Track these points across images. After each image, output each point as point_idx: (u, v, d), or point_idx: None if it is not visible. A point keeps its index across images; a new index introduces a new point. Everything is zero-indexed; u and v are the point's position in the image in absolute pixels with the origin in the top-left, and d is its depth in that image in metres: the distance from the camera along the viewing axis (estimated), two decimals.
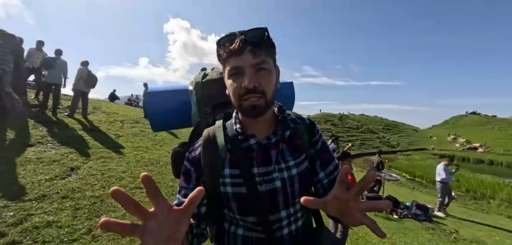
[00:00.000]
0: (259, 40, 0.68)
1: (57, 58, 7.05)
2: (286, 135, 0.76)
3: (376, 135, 59.00)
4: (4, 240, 2.13)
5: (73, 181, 3.55)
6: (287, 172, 0.73)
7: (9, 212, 2.51)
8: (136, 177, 4.30)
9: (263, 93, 0.68)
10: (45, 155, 4.18)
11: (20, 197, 2.81)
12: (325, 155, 0.81)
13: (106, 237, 2.55)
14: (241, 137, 0.75)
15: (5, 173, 3.28)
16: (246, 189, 0.71)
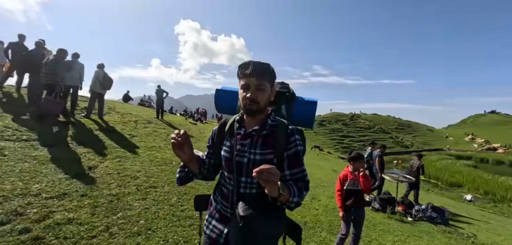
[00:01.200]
0: (262, 70, 1.12)
1: (75, 61, 7.31)
2: (263, 133, 1.17)
3: (389, 135, 57.55)
4: (28, 236, 2.25)
5: (91, 179, 3.69)
6: (253, 155, 1.15)
7: (33, 209, 2.64)
8: (150, 176, 4.41)
9: (258, 103, 1.12)
10: (64, 154, 4.36)
11: (42, 195, 2.95)
12: (293, 160, 1.16)
13: (123, 234, 2.64)
14: (237, 125, 1.23)
15: (29, 171, 3.45)
16: (229, 155, 1.20)
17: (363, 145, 44.91)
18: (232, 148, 1.19)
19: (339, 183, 3.21)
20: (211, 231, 1.24)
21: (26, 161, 3.73)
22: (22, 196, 2.81)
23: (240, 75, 1.15)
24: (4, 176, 3.14)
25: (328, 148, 35.97)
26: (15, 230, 2.28)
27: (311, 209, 5.07)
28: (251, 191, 1.16)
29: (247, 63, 1.12)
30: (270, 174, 0.91)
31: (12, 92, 7.16)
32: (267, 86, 1.14)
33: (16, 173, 3.31)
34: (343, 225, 3.15)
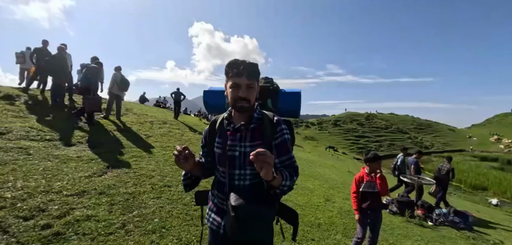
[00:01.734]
0: (253, 70, 1.19)
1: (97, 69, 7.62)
2: (251, 127, 1.24)
3: (407, 135, 55.47)
4: (50, 231, 2.35)
5: (109, 178, 3.81)
6: (243, 148, 1.22)
7: (54, 205, 2.76)
8: (164, 175, 4.49)
9: (249, 101, 1.19)
10: (84, 154, 4.53)
11: (63, 192, 3.07)
12: (281, 149, 1.24)
13: (138, 232, 2.70)
14: (226, 122, 1.30)
15: (52, 169, 3.61)
16: (221, 151, 1.27)
17: (379, 146, 43.65)
18: (224, 144, 1.27)
19: (354, 184, 3.11)
20: (211, 224, 1.32)
21: (49, 160, 3.91)
22: (44, 193, 2.95)
23: (230, 74, 1.20)
24: (28, 174, 3.31)
25: (343, 148, 35.25)
26: (38, 225, 2.39)
27: (325, 211, 4.96)
28: (245, 183, 1.23)
29: (238, 62, 1.18)
30: (265, 156, 0.97)
31: (37, 95, 7.55)
32: (255, 85, 1.22)
33: (40, 171, 3.47)
34: (359, 228, 3.04)
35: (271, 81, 1.71)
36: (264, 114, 1.30)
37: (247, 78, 1.17)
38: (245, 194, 1.15)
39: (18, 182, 3.04)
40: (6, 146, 3.90)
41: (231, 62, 1.20)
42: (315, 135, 43.82)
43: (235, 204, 1.08)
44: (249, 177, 1.23)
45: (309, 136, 41.76)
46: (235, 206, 1.08)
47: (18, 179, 3.11)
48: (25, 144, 4.20)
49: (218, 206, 1.32)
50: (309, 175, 9.11)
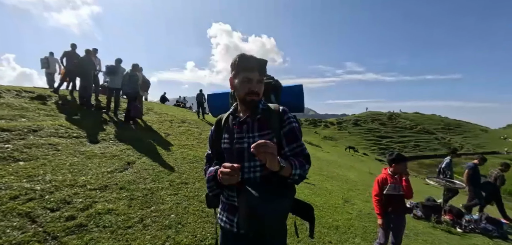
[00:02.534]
0: (263, 66, 1.23)
1: (118, 67, 7.96)
2: (257, 117, 1.24)
3: (434, 135, 52.35)
4: (74, 223, 2.48)
5: (129, 174, 3.95)
6: (251, 139, 1.20)
7: (78, 198, 2.91)
8: (182, 173, 4.59)
9: (258, 95, 1.23)
10: (107, 150, 4.75)
11: (87, 186, 3.23)
12: (290, 137, 1.23)
13: (155, 227, 2.77)
14: (231, 117, 1.31)
15: (77, 164, 3.82)
16: (229, 145, 1.26)
17: (403, 146, 41.66)
18: (231, 138, 1.26)
19: (377, 187, 2.93)
20: (224, 223, 1.29)
21: (76, 155, 4.14)
22: (70, 187, 3.11)
23: (241, 68, 1.21)
24: (57, 168, 3.52)
25: (363, 149, 34.08)
26: (63, 216, 2.53)
27: (344, 213, 4.80)
28: (255, 175, 1.21)
29: (250, 58, 1.21)
30: (266, 146, 0.96)
31: (66, 95, 8.05)
32: (263, 80, 1.26)
33: (67, 166, 3.68)
34: (381, 233, 2.89)
35: (272, 78, 1.75)
36: (269, 106, 1.29)
37: (259, 73, 1.20)
38: (256, 187, 1.12)
39: (47, 176, 3.24)
40: (38, 142, 4.18)
41: (242, 56, 1.21)
42: (334, 135, 42.76)
43: (247, 197, 1.07)
44: (260, 169, 1.21)
45: (328, 136, 40.84)
46: (247, 200, 1.06)
47: (47, 173, 3.32)
48: (55, 140, 4.48)
49: (229, 203, 1.29)
50: (327, 175, 8.89)
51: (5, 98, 6.14)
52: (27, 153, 3.73)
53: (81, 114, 6.74)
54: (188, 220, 3.06)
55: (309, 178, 7.56)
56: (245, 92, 1.20)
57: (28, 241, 2.11)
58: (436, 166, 7.71)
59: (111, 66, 7.92)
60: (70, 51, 8.05)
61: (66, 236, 2.29)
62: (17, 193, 2.70)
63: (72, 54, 8.01)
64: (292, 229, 2.59)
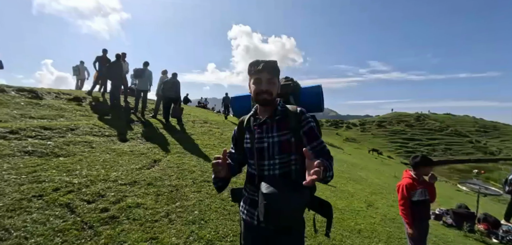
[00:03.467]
0: (272, 66, 1.28)
1: (145, 69, 8.38)
2: (276, 118, 1.30)
3: (467, 138, 48.67)
4: (107, 214, 2.67)
5: (156, 171, 4.17)
6: (271, 139, 1.28)
7: (111, 192, 3.13)
8: (204, 171, 4.73)
9: (270, 94, 1.27)
10: (136, 148, 5.04)
11: (118, 181, 3.46)
12: (310, 136, 1.28)
13: (180, 221, 2.90)
14: (252, 119, 1.38)
15: (110, 161, 4.10)
16: (251, 145, 1.34)
17: (432, 150, 39.27)
18: (252, 139, 1.34)
19: (405, 193, 2.71)
20: (246, 216, 1.37)
21: (108, 153, 4.45)
22: (103, 181, 3.36)
23: (252, 72, 1.30)
24: (91, 164, 3.81)
25: (388, 151, 32.61)
26: (98, 208, 2.74)
27: (367, 217, 4.67)
28: (274, 172, 1.27)
29: (258, 61, 1.29)
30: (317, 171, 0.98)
31: (98, 97, 8.63)
32: (276, 80, 1.31)
33: (100, 162, 3.97)
34: (411, 243, 2.74)
35: (291, 79, 1.79)
36: (288, 107, 1.35)
37: (268, 73, 1.27)
38: (276, 183, 1.19)
39: (84, 171, 3.52)
40: (75, 140, 4.54)
41: (252, 61, 1.31)
42: (357, 137, 41.39)
43: (266, 191, 1.13)
44: (278, 166, 1.27)
45: (350, 138, 39.64)
46: (265, 194, 1.12)
47: (83, 168, 3.60)
48: (89, 138, 4.84)
49: (250, 198, 1.37)
50: (350, 178, 8.66)
51: (46, 99, 6.74)
52: (66, 150, 4.08)
53: (112, 114, 7.20)
54: (210, 217, 3.16)
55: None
56: (256, 92, 1.28)
57: (68, 229, 2.32)
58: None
59: (138, 69, 8.37)
60: (102, 56, 8.62)
61: (101, 226, 2.48)
62: (58, 185, 2.97)
63: (103, 59, 8.57)
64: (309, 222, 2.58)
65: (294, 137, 1.27)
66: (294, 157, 1.29)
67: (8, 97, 5.96)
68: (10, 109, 5.30)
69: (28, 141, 3.98)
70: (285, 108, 1.35)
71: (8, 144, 3.72)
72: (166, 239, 2.53)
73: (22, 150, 3.66)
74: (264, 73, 1.26)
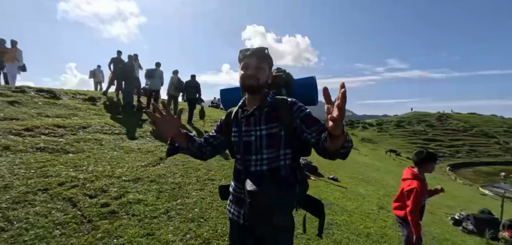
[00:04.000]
0: (261, 53, 1.22)
1: (156, 69, 8.56)
2: (264, 110, 1.22)
3: (495, 139, 45.66)
4: (107, 209, 2.71)
5: (161, 168, 4.20)
6: (259, 132, 1.20)
7: (114, 188, 3.18)
8: (210, 170, 4.73)
9: (257, 80, 1.19)
10: (144, 146, 5.12)
11: (122, 178, 3.52)
12: (309, 120, 1.16)
13: (179, 219, 2.89)
14: (240, 110, 1.30)
15: (116, 158, 4.19)
16: (237, 138, 1.26)
17: (455, 151, 37.27)
18: (239, 131, 1.27)
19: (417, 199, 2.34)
20: (232, 215, 1.30)
21: (116, 150, 4.55)
22: (108, 177, 3.42)
23: (241, 57, 1.24)
24: (99, 161, 3.91)
25: (407, 153, 31.28)
26: (99, 203, 2.79)
27: (378, 220, 4.45)
28: (262, 168, 1.19)
29: (248, 47, 1.25)
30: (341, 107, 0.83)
31: (113, 97, 8.92)
32: (265, 68, 1.23)
33: (107, 159, 4.06)
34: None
35: (283, 71, 1.70)
36: (278, 98, 1.27)
37: (256, 58, 1.20)
38: (262, 180, 1.12)
39: (90, 167, 3.61)
40: (86, 138, 4.69)
41: (242, 49, 1.26)
42: (374, 137, 40.11)
43: (250, 188, 1.05)
44: (266, 161, 1.19)
45: (367, 138, 38.49)
46: (250, 191, 1.05)
47: (90, 164, 3.70)
48: (100, 136, 4.99)
49: (237, 196, 1.30)
50: (362, 179, 8.36)
51: (63, 99, 7.05)
52: (76, 147, 4.21)
53: (124, 113, 7.40)
54: (211, 215, 3.13)
55: (341, 180, 7.19)
56: (243, 77, 1.21)
57: (68, 222, 2.37)
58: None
59: (150, 70, 8.56)
60: (116, 58, 8.91)
61: (99, 220, 2.51)
62: (64, 180, 3.06)
63: (118, 60, 8.86)
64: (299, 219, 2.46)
65: (284, 130, 1.18)
66: (283, 152, 1.20)
67: (28, 97, 6.28)
68: (28, 108, 5.58)
69: (41, 138, 4.15)
70: (275, 99, 1.26)
71: (22, 140, 3.90)
72: (162, 235, 2.52)
73: (35, 146, 3.82)
74: (253, 59, 1.20)
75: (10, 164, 3.17)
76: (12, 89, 6.50)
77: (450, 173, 25.83)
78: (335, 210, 4.40)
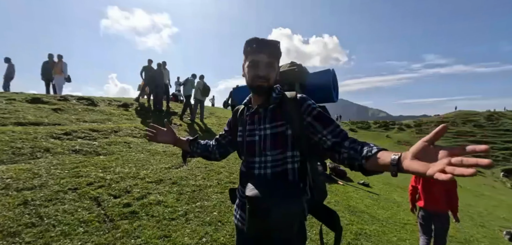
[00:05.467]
0: (272, 47, 1.07)
1: (189, 79, 9.24)
2: (270, 107, 1.10)
3: None
4: (129, 209, 2.78)
5: (183, 171, 4.26)
6: (263, 131, 1.09)
7: (136, 189, 3.27)
8: (231, 173, 4.69)
9: (268, 80, 1.06)
10: (169, 149, 5.27)
11: (146, 179, 3.62)
12: (323, 120, 1.02)
13: (196, 221, 2.86)
14: (245, 109, 1.21)
15: (142, 160, 4.35)
16: (242, 139, 1.18)
17: (510, 155, 32.85)
18: (243, 130, 1.18)
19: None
20: (238, 221, 1.21)
21: (142, 152, 4.74)
22: (132, 178, 3.54)
23: (248, 51, 1.08)
24: (126, 162, 4.09)
25: None
26: (122, 203, 2.87)
27: (415, 232, 4.02)
28: (266, 171, 1.08)
29: (256, 39, 1.07)
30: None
31: (144, 103, 9.44)
32: (275, 64, 1.10)
33: (134, 161, 4.23)
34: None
35: (298, 65, 1.56)
36: (284, 94, 1.13)
37: (268, 55, 1.05)
38: (266, 184, 1.03)
39: (117, 168, 3.78)
40: (116, 141, 4.97)
41: (250, 39, 1.09)
42: (412, 140, 37.05)
43: (249, 194, 0.96)
44: (270, 164, 1.08)
45: (404, 141, 35.75)
46: (249, 197, 0.95)
47: (118, 166, 3.88)
48: (129, 139, 5.25)
49: (242, 201, 1.20)
50: (397, 185, 7.70)
51: (100, 106, 7.62)
52: (107, 149, 4.47)
53: (154, 117, 7.76)
54: (229, 219, 3.05)
55: (373, 186, 6.67)
56: (252, 77, 1.07)
57: (91, 220, 2.47)
58: None
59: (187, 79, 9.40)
60: (147, 66, 9.42)
61: (120, 220, 2.58)
62: (92, 180, 3.22)
63: (149, 69, 9.38)
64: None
65: (292, 129, 1.06)
66: (291, 153, 1.08)
67: (70, 104, 6.90)
68: (69, 115, 6.10)
69: (77, 141, 4.48)
70: (282, 94, 1.14)
71: (61, 143, 4.24)
72: (178, 238, 2.50)
73: (71, 149, 4.12)
74: (263, 55, 1.05)
75: (48, 164, 3.45)
76: (57, 98, 7.21)
77: (504, 179, 22.90)
78: (365, 219, 4.06)
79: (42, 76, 8.85)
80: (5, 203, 2.45)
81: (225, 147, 1.37)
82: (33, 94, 7.23)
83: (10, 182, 2.81)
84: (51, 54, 8.83)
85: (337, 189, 5.48)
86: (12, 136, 4.01)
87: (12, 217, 2.29)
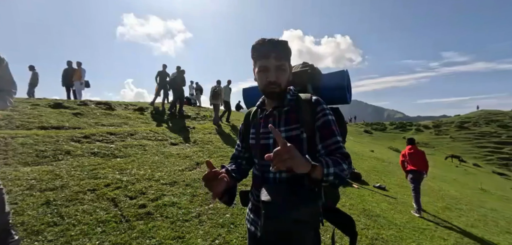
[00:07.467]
0: (281, 50, 1.04)
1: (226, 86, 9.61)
2: (284, 109, 1.09)
3: None
4: (144, 210, 2.85)
5: (196, 173, 4.32)
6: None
7: (151, 190, 3.35)
8: None
9: (280, 85, 1.04)
10: (183, 151, 5.36)
11: (160, 181, 3.70)
12: (325, 132, 1.03)
13: (209, 223, 2.88)
14: (259, 111, 1.19)
15: (157, 162, 4.45)
16: (255, 141, 1.15)
17: None
18: (257, 133, 1.15)
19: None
20: (250, 225, 1.18)
21: (157, 155, 4.85)
22: (147, 180, 3.63)
23: (256, 56, 1.07)
24: (141, 165, 4.19)
25: (474, 159, 27.01)
26: (137, 204, 2.95)
27: (435, 238, 3.86)
28: (280, 175, 1.07)
29: (264, 42, 1.04)
30: (280, 154, 0.80)
31: (159, 107, 9.67)
32: (286, 66, 1.07)
33: (149, 163, 4.34)
34: None
35: (311, 66, 1.51)
36: (298, 96, 1.13)
37: (276, 59, 1.03)
38: (281, 188, 1.01)
39: (133, 170, 3.89)
40: (132, 144, 5.12)
41: (256, 42, 1.06)
42: (431, 141, 35.65)
43: (264, 199, 0.94)
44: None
45: (422, 142, 34.41)
46: (264, 202, 0.93)
47: (134, 168, 3.99)
48: (144, 142, 5.39)
49: (255, 204, 1.18)
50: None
51: (117, 110, 7.89)
52: (123, 152, 4.61)
53: (168, 121, 7.94)
54: (241, 222, 3.05)
55: (389, 189, 6.46)
56: (264, 84, 1.06)
57: (108, 220, 2.55)
58: None
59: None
60: (162, 71, 9.66)
61: (136, 220, 2.65)
62: (110, 182, 3.33)
63: (163, 73, 9.61)
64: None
65: (307, 132, 1.05)
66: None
67: (89, 109, 7.19)
68: (88, 119, 6.36)
69: (96, 144, 4.65)
70: (297, 96, 1.13)
71: (81, 146, 4.42)
72: (192, 239, 2.52)
73: (90, 151, 4.28)
74: (272, 60, 1.03)
75: (69, 166, 3.60)
76: (77, 103, 7.54)
77: None
78: (381, 224, 3.93)
79: (62, 82, 9.30)
80: (29, 203, 2.58)
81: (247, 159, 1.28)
82: (55, 99, 7.61)
83: (34, 183, 2.96)
84: (70, 61, 9.25)
85: (352, 192, 5.35)
86: (36, 139, 4.23)
87: (36, 216, 2.40)
